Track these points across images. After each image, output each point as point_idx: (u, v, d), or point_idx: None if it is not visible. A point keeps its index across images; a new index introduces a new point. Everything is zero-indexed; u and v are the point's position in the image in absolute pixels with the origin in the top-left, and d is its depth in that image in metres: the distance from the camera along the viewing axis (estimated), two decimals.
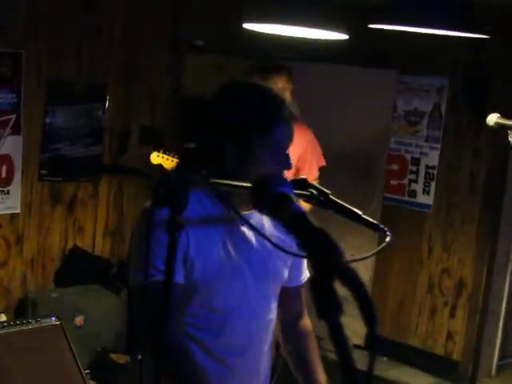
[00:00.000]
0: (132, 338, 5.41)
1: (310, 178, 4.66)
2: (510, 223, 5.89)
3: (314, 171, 4.87)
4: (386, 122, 6.29)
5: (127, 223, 5.78)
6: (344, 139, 6.17)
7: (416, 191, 6.18)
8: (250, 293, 2.09)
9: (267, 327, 2.20)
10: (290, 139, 2.07)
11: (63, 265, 5.45)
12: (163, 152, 4.66)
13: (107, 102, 5.54)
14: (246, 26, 3.74)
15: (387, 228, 2.00)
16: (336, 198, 2.03)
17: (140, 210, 2.05)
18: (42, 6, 5.06)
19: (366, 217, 2.03)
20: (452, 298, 6.02)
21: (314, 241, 1.28)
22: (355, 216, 2.03)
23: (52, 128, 5.29)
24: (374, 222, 2.04)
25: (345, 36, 3.67)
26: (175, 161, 4.62)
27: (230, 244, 2.04)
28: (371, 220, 2.04)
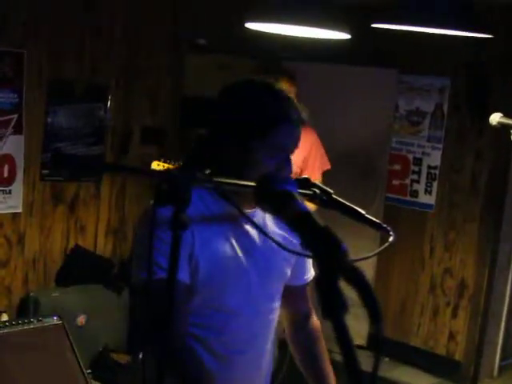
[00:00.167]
0: (134, 337, 5.41)
1: (314, 175, 4.65)
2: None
3: (316, 173, 4.85)
4: (387, 121, 6.28)
5: (129, 223, 5.77)
6: (346, 139, 6.16)
7: (418, 191, 6.18)
8: (253, 291, 2.08)
9: (270, 326, 2.20)
10: (294, 144, 2.02)
11: (65, 264, 5.45)
12: (164, 161, 4.62)
13: (109, 102, 5.54)
14: (249, 26, 3.73)
15: (390, 227, 1.99)
16: (339, 198, 2.03)
17: (143, 209, 2.04)
18: (43, 5, 5.06)
19: (368, 216, 2.02)
20: (454, 298, 6.02)
21: (319, 239, 1.27)
22: (358, 215, 2.02)
23: (53, 128, 5.29)
24: (377, 221, 2.03)
25: (347, 36, 3.66)
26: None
27: (234, 242, 2.03)
28: (374, 219, 2.03)
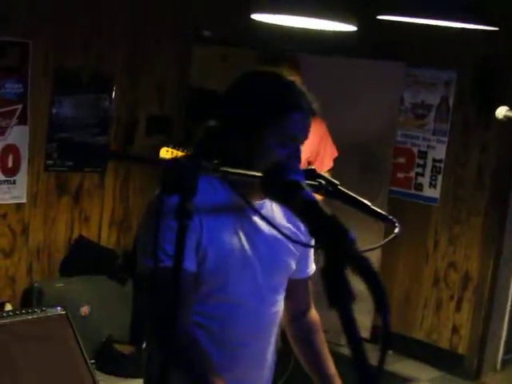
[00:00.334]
0: (138, 325, 5.41)
1: (322, 169, 4.63)
2: None
3: (325, 163, 4.85)
4: (393, 114, 6.26)
5: (133, 214, 5.77)
6: (351, 132, 6.14)
7: (423, 184, 6.16)
8: (259, 283, 2.08)
9: (274, 319, 2.18)
10: (305, 133, 2.02)
11: (69, 255, 5.45)
12: (172, 147, 4.58)
13: (114, 92, 5.54)
14: (254, 17, 3.71)
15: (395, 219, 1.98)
16: (344, 189, 2.02)
17: (150, 197, 2.03)
18: None
19: (374, 207, 2.01)
20: (458, 291, 6.01)
21: (326, 228, 1.27)
22: (364, 206, 2.01)
23: (58, 118, 5.28)
24: (383, 212, 2.02)
25: (353, 28, 3.64)
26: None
27: (241, 233, 2.02)
28: (380, 211, 2.02)
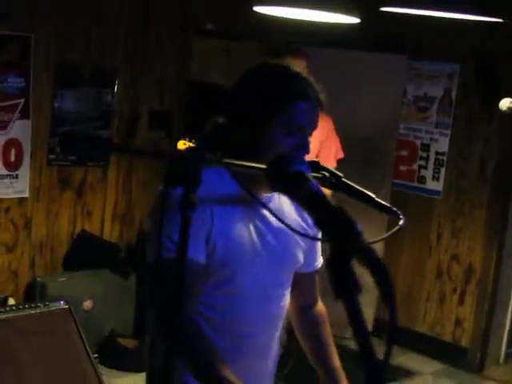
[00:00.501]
0: (141, 320, 5.42)
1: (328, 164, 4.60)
2: None
3: (331, 161, 4.83)
4: (395, 107, 6.25)
5: (136, 207, 5.77)
6: (353, 124, 6.13)
7: (425, 177, 6.15)
8: (266, 276, 2.07)
9: (280, 312, 2.18)
10: (311, 123, 2.01)
11: (71, 249, 5.45)
12: (189, 140, 4.52)
13: (116, 86, 5.53)
14: (257, 9, 3.70)
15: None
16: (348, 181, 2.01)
17: (156, 190, 2.02)
18: None
19: (378, 200, 2.00)
20: (461, 284, 6.01)
21: (332, 219, 1.26)
22: (368, 199, 1.99)
23: (61, 112, 5.28)
24: (387, 204, 2.01)
25: (356, 20, 3.62)
26: None
27: (251, 225, 2.02)
28: (384, 203, 2.01)
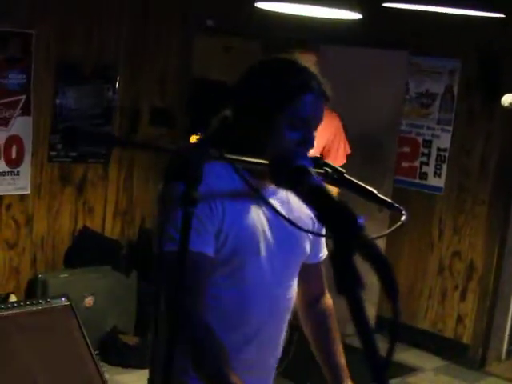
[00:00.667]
0: (142, 316, 5.43)
1: (336, 164, 4.55)
2: None
3: (340, 157, 4.82)
4: (397, 103, 6.24)
5: (137, 204, 5.77)
6: (355, 121, 6.10)
7: (427, 174, 6.15)
8: (276, 267, 2.07)
9: (288, 304, 2.17)
10: (317, 116, 2.00)
11: (73, 246, 5.45)
12: (201, 135, 4.48)
13: (117, 82, 5.52)
14: (259, 5, 3.69)
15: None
16: (350, 177, 2.00)
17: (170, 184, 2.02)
18: None
19: (380, 195, 2.00)
20: (462, 281, 6.00)
21: (334, 213, 1.25)
22: (370, 194, 1.99)
23: (62, 108, 5.27)
24: (389, 200, 2.01)
25: (358, 15, 3.61)
26: None
27: (261, 216, 2.03)
28: (386, 199, 2.01)
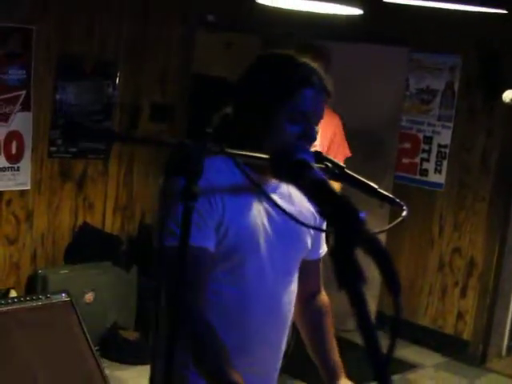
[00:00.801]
0: (142, 312, 5.43)
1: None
2: None
3: (340, 156, 4.83)
4: (398, 100, 6.24)
5: (137, 200, 5.77)
6: (355, 117, 6.10)
7: (428, 170, 6.14)
8: (277, 262, 2.06)
9: (290, 298, 2.16)
10: (317, 111, 1.99)
11: (73, 241, 5.45)
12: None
13: (117, 78, 5.51)
14: (259, 1, 3.68)
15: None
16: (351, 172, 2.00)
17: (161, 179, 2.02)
18: None
19: (381, 190, 1.99)
20: (463, 277, 6.00)
21: (336, 207, 1.25)
22: (371, 190, 1.99)
23: (62, 104, 5.26)
24: (390, 195, 2.00)
25: (359, 11, 3.60)
26: None
27: (262, 212, 2.02)
28: (387, 194, 2.00)
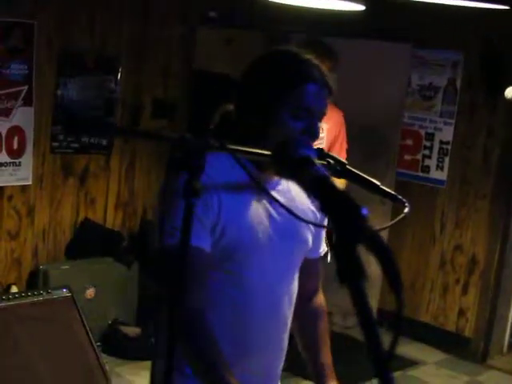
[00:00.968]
0: (144, 308, 5.43)
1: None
2: None
3: (343, 153, 4.84)
4: (400, 96, 6.23)
5: (139, 196, 5.76)
6: (357, 113, 6.09)
7: (429, 167, 6.13)
8: (278, 259, 2.04)
9: (291, 297, 2.14)
10: (319, 106, 1.96)
11: (74, 237, 5.45)
12: None
13: (119, 74, 5.51)
14: None
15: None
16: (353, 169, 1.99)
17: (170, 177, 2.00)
18: None
19: (383, 187, 1.99)
20: (464, 274, 5.99)
21: (338, 204, 1.24)
22: (373, 186, 1.98)
23: (64, 99, 5.26)
24: (392, 192, 2.00)
25: (361, 7, 3.60)
26: None
27: (261, 209, 2.00)
28: (389, 190, 2.00)
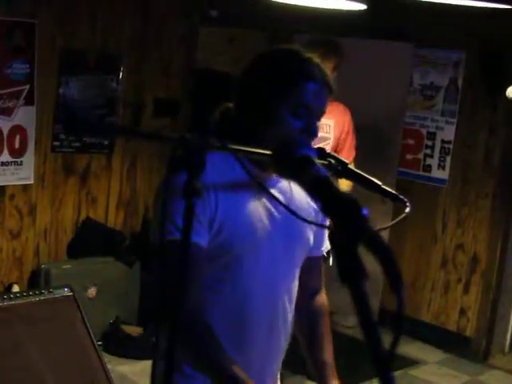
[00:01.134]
0: (145, 307, 5.43)
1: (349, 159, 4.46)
2: None
3: (352, 152, 4.81)
4: (401, 95, 6.23)
5: (140, 195, 5.76)
6: (359, 113, 6.09)
7: (431, 166, 6.13)
8: (277, 257, 2.03)
9: (291, 297, 2.13)
10: (318, 104, 1.96)
11: (76, 236, 5.46)
12: None
13: (121, 73, 5.51)
14: None
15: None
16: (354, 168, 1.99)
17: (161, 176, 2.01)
18: None
19: (384, 187, 1.99)
20: (466, 273, 5.99)
21: (338, 204, 1.24)
22: (374, 186, 1.98)
23: (65, 99, 5.27)
24: (393, 191, 2.00)
25: (363, 6, 3.60)
26: None
27: (260, 207, 1.99)
28: (390, 190, 2.00)
